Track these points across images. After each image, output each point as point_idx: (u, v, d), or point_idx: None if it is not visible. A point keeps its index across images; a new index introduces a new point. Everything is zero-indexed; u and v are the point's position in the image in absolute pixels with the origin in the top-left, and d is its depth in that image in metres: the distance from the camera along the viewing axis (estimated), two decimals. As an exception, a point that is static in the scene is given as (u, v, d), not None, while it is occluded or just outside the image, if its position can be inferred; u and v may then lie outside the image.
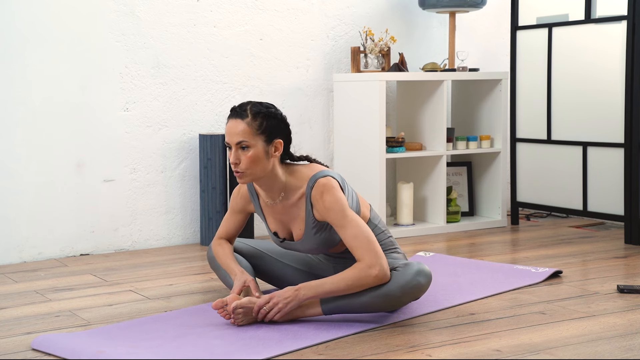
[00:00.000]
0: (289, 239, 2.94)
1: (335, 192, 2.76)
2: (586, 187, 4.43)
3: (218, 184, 4.16)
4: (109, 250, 4.12)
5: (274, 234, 2.96)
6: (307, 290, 2.71)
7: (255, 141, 2.74)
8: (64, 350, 2.48)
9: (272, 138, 2.78)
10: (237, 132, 2.74)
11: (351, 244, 2.74)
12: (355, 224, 2.75)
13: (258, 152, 2.74)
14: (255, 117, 2.75)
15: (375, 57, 4.59)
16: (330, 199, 2.74)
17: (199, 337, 2.62)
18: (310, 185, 2.79)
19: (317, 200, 2.77)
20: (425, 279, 2.75)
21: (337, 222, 2.75)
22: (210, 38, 4.31)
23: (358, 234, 2.74)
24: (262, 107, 2.78)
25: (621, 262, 3.73)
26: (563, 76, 4.51)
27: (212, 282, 3.41)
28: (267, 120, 2.76)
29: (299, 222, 2.85)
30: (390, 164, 4.84)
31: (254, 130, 2.74)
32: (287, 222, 2.89)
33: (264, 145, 2.76)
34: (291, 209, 2.85)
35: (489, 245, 4.22)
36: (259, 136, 2.75)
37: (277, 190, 2.84)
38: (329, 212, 2.75)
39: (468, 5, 4.64)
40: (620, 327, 2.72)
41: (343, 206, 2.75)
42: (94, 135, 4.05)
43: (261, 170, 2.76)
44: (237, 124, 2.75)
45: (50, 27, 3.92)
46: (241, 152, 2.75)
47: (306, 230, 2.84)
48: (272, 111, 2.79)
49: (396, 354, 2.47)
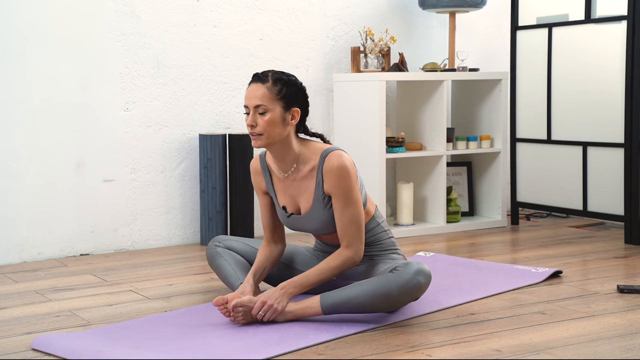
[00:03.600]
0: (296, 214, 2.95)
1: (347, 166, 2.80)
2: (586, 187, 4.43)
3: (218, 184, 4.16)
4: (109, 250, 4.12)
5: (282, 208, 2.97)
6: (293, 287, 2.77)
7: (273, 106, 2.78)
8: (64, 350, 2.48)
9: (290, 105, 2.81)
10: (257, 96, 2.78)
11: (344, 226, 2.80)
12: (356, 206, 2.80)
13: (275, 117, 2.78)
14: (276, 83, 2.80)
15: (375, 57, 4.59)
16: (341, 172, 2.78)
17: (199, 337, 2.62)
18: (323, 157, 2.82)
19: (328, 171, 2.80)
20: (424, 279, 2.75)
21: (340, 197, 2.79)
22: (210, 38, 4.31)
23: (355, 219, 2.80)
24: (283, 75, 2.83)
25: (621, 262, 3.73)
26: (563, 76, 4.51)
27: (212, 282, 3.41)
28: (287, 87, 2.81)
29: (308, 195, 2.87)
30: (390, 164, 4.84)
31: (273, 95, 2.78)
32: (297, 196, 2.91)
33: (282, 112, 2.79)
34: (302, 181, 2.87)
35: (489, 245, 4.22)
36: (278, 102, 2.79)
37: (289, 161, 2.87)
38: (336, 185, 2.79)
39: (468, 5, 4.64)
40: (620, 327, 2.72)
41: (351, 184, 2.80)
42: (94, 135, 4.05)
43: (277, 135, 2.79)
44: (257, 87, 2.79)
45: (50, 27, 3.92)
46: (259, 117, 2.78)
47: (314, 204, 2.86)
48: (293, 80, 2.85)
49: (396, 354, 2.47)
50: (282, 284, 2.79)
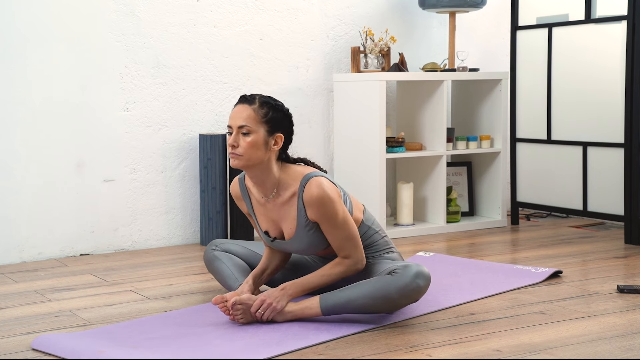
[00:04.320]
0: (279, 238, 2.94)
1: (328, 194, 2.76)
2: (586, 187, 4.43)
3: (218, 184, 4.16)
4: (109, 250, 4.12)
5: (264, 233, 2.96)
6: (294, 289, 2.78)
7: (257, 128, 2.76)
8: (64, 350, 2.48)
9: (274, 131, 2.79)
10: (242, 116, 2.76)
11: (339, 243, 2.81)
12: (347, 226, 2.80)
13: (258, 140, 2.76)
14: (263, 106, 2.79)
15: (375, 57, 4.59)
16: (322, 200, 2.76)
17: (199, 337, 2.62)
18: (302, 184, 2.79)
19: (308, 201, 2.77)
20: (424, 282, 2.74)
21: (328, 223, 2.78)
22: (210, 38, 4.31)
23: (348, 236, 2.81)
24: (270, 99, 2.83)
25: (621, 262, 3.73)
26: (563, 76, 4.51)
27: (212, 282, 3.41)
28: (273, 112, 2.80)
29: (290, 221, 2.85)
30: (390, 164, 4.84)
31: (258, 117, 2.77)
32: (279, 221, 2.89)
33: (265, 135, 2.77)
34: (283, 207, 2.85)
35: (489, 245, 4.22)
36: (262, 125, 2.77)
37: (270, 186, 2.84)
38: (321, 213, 2.77)
39: (468, 5, 4.64)
40: (620, 327, 2.72)
41: (335, 209, 2.77)
42: (94, 135, 4.05)
43: (257, 158, 2.77)
44: (243, 108, 2.78)
45: (50, 27, 3.92)
46: (241, 137, 2.76)
47: (297, 230, 2.84)
48: (280, 105, 2.83)
49: (396, 354, 2.47)
50: (283, 284, 2.79)
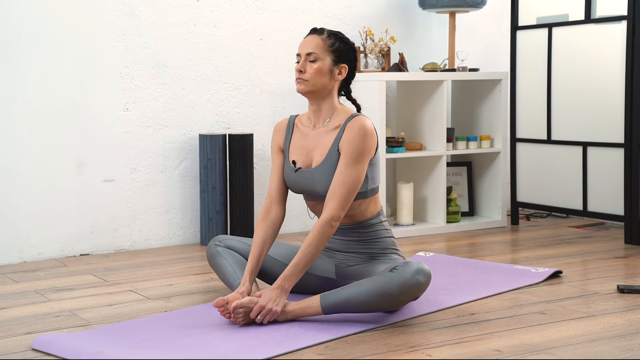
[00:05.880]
0: (305, 169, 2.98)
1: (369, 130, 2.88)
2: (586, 187, 4.43)
3: (218, 184, 4.16)
4: (109, 250, 4.12)
5: (292, 162, 3.00)
6: (286, 281, 2.78)
7: (324, 56, 2.92)
8: (64, 350, 2.48)
9: (340, 61, 2.95)
10: (310, 44, 2.92)
11: (336, 186, 2.83)
12: (357, 172, 2.84)
13: (324, 67, 2.91)
14: (330, 36, 2.95)
15: (375, 57, 4.59)
16: (360, 131, 2.86)
17: (199, 337, 2.62)
18: (351, 117, 2.93)
19: (349, 128, 2.88)
20: (424, 278, 2.74)
21: (347, 155, 2.85)
22: (210, 38, 4.31)
23: (349, 182, 2.83)
24: (338, 33, 2.99)
25: (621, 262, 3.73)
26: (563, 76, 4.51)
27: (212, 282, 3.41)
28: (340, 43, 2.95)
29: (323, 149, 2.93)
30: (390, 164, 4.84)
31: (326, 46, 2.92)
32: (313, 150, 2.96)
33: (331, 64, 2.93)
34: (324, 135, 2.95)
35: (489, 245, 4.22)
36: (329, 54, 2.93)
37: (324, 114, 2.97)
38: (350, 141, 2.85)
39: (468, 5, 4.64)
40: (620, 327, 2.72)
41: (364, 147, 2.86)
42: (94, 135, 4.05)
43: (321, 84, 2.92)
44: (312, 37, 2.95)
45: (49, 27, 3.92)
46: (309, 64, 2.92)
47: (326, 158, 2.91)
48: (346, 38, 2.99)
49: (396, 354, 2.47)
50: (275, 283, 2.78)
